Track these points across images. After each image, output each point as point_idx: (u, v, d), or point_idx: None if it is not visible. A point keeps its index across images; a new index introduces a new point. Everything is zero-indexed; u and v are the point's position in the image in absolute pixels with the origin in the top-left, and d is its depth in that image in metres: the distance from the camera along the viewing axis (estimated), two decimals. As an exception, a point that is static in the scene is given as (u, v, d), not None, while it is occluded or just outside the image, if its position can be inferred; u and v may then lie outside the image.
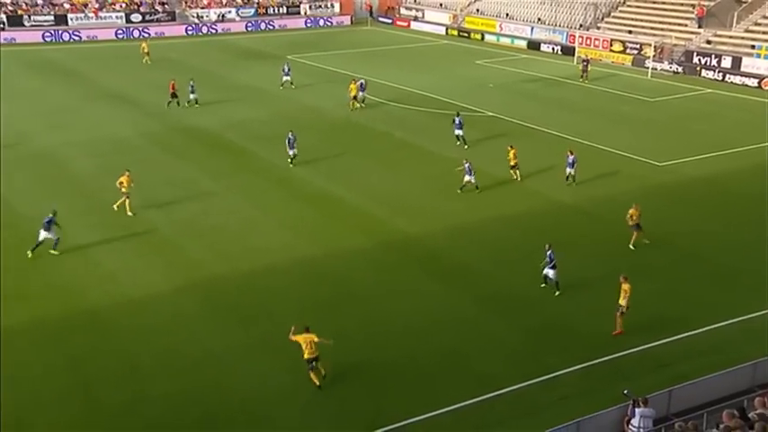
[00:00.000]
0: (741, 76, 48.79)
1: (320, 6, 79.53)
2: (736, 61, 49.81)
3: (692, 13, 56.12)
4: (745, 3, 54.19)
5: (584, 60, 51.75)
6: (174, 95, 41.71)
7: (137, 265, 22.85)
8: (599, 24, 61.82)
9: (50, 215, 23.52)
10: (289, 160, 31.63)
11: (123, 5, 70.88)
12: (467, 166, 28.49)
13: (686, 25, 56.29)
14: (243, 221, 26.21)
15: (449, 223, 26.00)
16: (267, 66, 55.15)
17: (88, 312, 20.13)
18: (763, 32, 51.59)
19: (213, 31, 72.23)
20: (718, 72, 49.97)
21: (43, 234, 23.25)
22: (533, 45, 63.23)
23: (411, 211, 27.22)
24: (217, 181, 30.13)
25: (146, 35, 67.89)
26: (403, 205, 27.81)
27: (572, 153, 29.38)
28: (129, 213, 26.35)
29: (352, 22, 78.95)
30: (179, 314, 20.15)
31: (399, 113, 41.04)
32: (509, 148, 30.26)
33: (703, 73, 50.75)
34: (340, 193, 28.91)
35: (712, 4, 55.63)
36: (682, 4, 58.43)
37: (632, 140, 35.80)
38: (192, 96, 42.10)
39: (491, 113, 40.75)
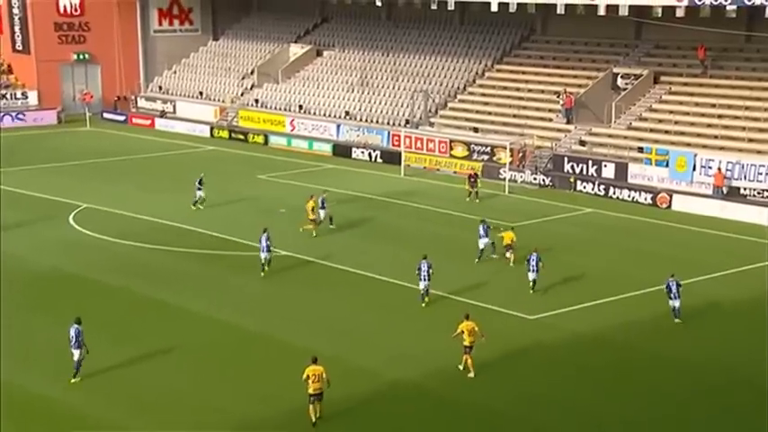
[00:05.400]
0: (629, 189, 53.70)
1: (4, 96, 78.65)
2: (621, 169, 55.11)
3: (558, 102, 61.94)
4: (623, 90, 60.69)
5: (470, 176, 54.02)
6: None
7: None
8: (432, 120, 66.34)
9: None
10: None
11: None
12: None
13: (551, 119, 61.93)
14: None
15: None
16: None
17: None
18: (651, 129, 57.75)
19: None
20: (599, 185, 54.75)
21: None
22: (341, 150, 66.39)
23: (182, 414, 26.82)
24: None
25: None
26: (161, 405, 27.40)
27: (536, 251, 37.00)
28: None
29: (60, 121, 79.25)
30: None
31: (143, 257, 40.71)
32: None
33: (579, 186, 55.40)
34: (48, 395, 28.00)
35: (582, 91, 61.82)
36: (542, 91, 64.45)
37: (473, 284, 37.64)
38: (199, 194, 49.60)
39: (285, 252, 41.55)
